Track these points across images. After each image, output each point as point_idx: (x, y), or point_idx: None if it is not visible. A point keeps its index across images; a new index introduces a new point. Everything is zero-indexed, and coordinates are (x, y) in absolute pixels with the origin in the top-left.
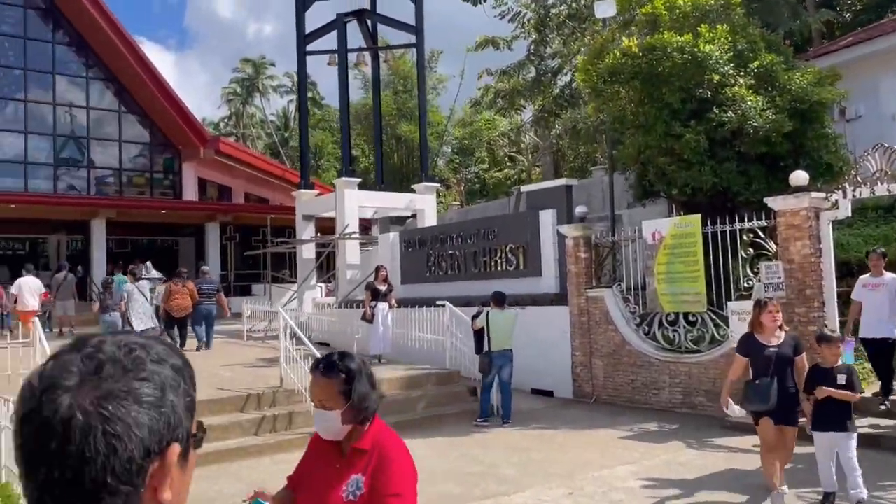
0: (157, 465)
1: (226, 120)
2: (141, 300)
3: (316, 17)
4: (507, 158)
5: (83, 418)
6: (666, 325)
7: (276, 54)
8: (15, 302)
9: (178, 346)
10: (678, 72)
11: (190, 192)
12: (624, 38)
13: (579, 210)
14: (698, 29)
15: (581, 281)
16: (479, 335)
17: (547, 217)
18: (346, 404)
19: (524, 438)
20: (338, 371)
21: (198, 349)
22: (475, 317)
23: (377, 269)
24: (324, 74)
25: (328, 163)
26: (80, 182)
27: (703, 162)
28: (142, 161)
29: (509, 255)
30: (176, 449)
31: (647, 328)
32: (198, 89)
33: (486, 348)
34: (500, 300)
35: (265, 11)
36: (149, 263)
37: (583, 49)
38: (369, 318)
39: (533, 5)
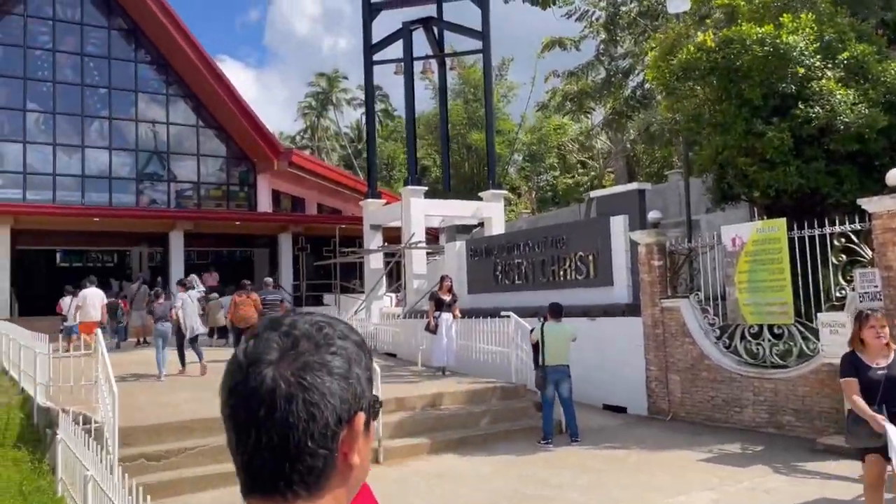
0: (347, 432)
1: (301, 133)
2: (192, 307)
3: (383, 27)
4: (578, 164)
5: (286, 388)
6: (749, 337)
7: (349, 68)
8: (77, 313)
9: None
10: (759, 65)
11: (264, 204)
12: (699, 34)
13: (652, 215)
14: (780, 19)
15: (655, 290)
16: (537, 348)
17: (618, 223)
18: None
19: (593, 458)
20: None
21: None
22: (534, 330)
23: (441, 279)
24: (397, 86)
25: (400, 173)
26: (161, 195)
27: (787, 162)
28: (218, 174)
29: (579, 264)
30: (362, 417)
31: (727, 341)
32: (277, 104)
33: (542, 362)
34: (556, 312)
35: (339, 26)
36: (194, 276)
37: (654, 46)
38: (433, 329)
39: (602, 3)
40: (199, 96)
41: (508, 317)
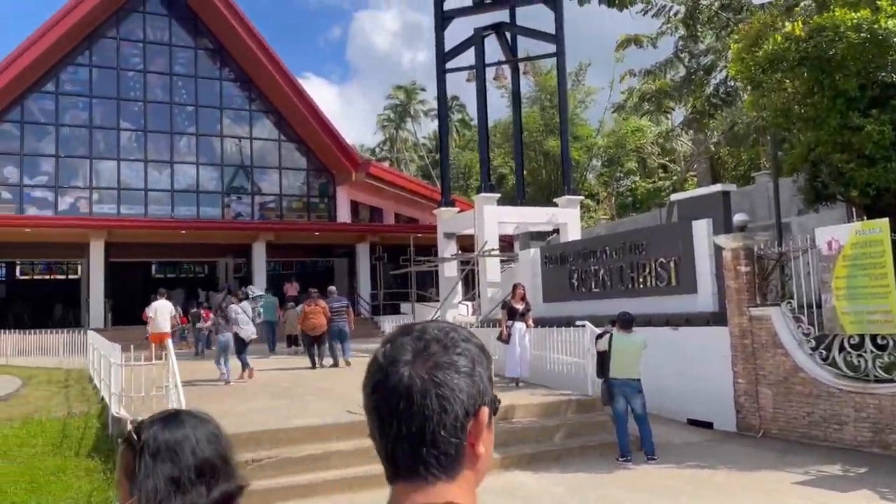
0: (473, 424)
1: (381, 145)
2: (244, 317)
3: (457, 36)
4: (659, 168)
5: (421, 384)
6: (848, 348)
7: (427, 80)
8: (148, 324)
9: (316, 363)
10: (854, 54)
11: (343, 215)
12: (786, 24)
13: (738, 218)
14: (878, 3)
15: (742, 298)
16: (601, 358)
17: (701, 227)
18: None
19: (675, 478)
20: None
21: (334, 366)
22: (599, 337)
23: (514, 287)
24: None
25: (476, 182)
26: (245, 208)
27: (889, 157)
28: (299, 187)
29: (659, 270)
30: (485, 411)
31: (824, 352)
32: (358, 118)
33: (607, 375)
34: (626, 323)
35: (418, 40)
36: (252, 287)
37: (738, 39)
38: (505, 339)
39: None
40: (281, 111)
41: (584, 326)
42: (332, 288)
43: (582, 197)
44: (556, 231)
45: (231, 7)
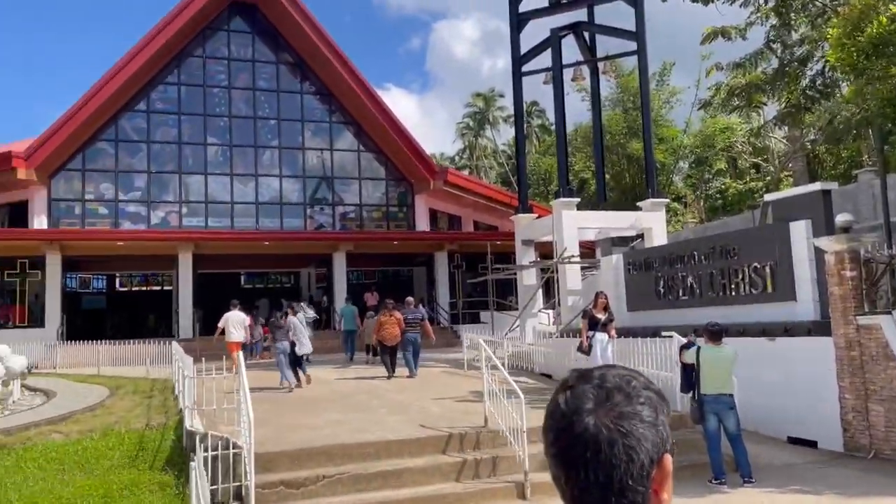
0: (657, 472)
1: (460, 153)
2: (302, 329)
3: (532, 38)
4: (751, 168)
5: (607, 434)
6: None
7: (507, 87)
8: (222, 334)
9: (391, 372)
10: None
11: (422, 223)
12: (891, 5)
13: (842, 219)
14: None
15: (848, 306)
16: (686, 370)
17: (799, 229)
18: None
19: None
20: None
21: (409, 377)
22: (684, 347)
23: (596, 296)
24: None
25: (557, 187)
26: (326, 218)
27: None
28: (379, 196)
29: (753, 276)
30: (669, 458)
31: None
32: (439, 127)
33: (696, 391)
34: (715, 334)
35: (498, 47)
36: (304, 303)
37: (837, 24)
38: (586, 350)
39: None
40: (360, 122)
41: (671, 337)
42: (409, 299)
43: (667, 200)
44: (641, 236)
45: (310, 21)
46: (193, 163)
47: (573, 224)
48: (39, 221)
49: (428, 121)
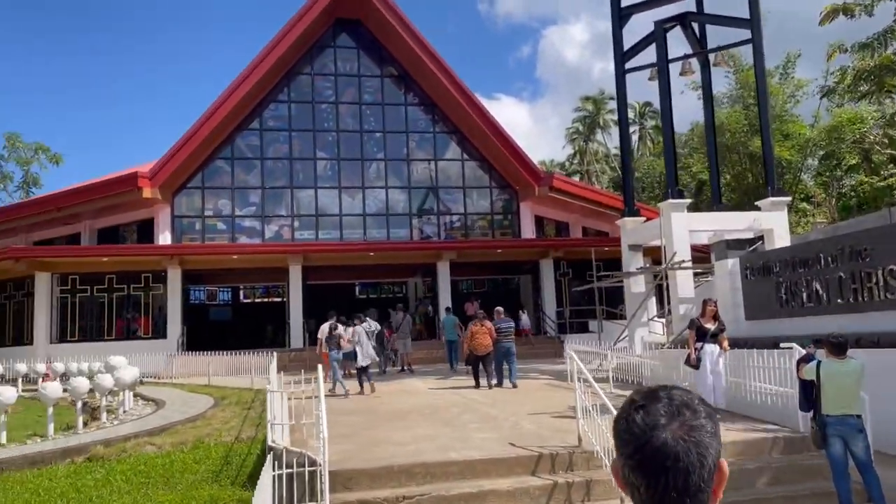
0: (717, 475)
1: (570, 159)
2: (365, 340)
3: (637, 34)
4: (888, 162)
5: (684, 444)
6: None
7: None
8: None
9: (480, 383)
10: None
11: (528, 231)
12: None
13: None
14: None
15: None
16: (806, 387)
17: None
18: None
19: None
20: None
21: (497, 386)
22: (802, 360)
23: (704, 304)
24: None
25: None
26: (431, 228)
27: None
28: (483, 204)
29: (889, 280)
30: (725, 463)
31: None
32: (550, 133)
33: (817, 411)
34: (838, 347)
35: (608, 48)
36: (365, 315)
37: None
38: (694, 364)
39: None
40: (463, 132)
41: (790, 348)
42: (500, 308)
43: (789, 198)
44: (761, 239)
45: (412, 33)
46: (304, 177)
47: (683, 226)
48: (164, 237)
49: (540, 127)
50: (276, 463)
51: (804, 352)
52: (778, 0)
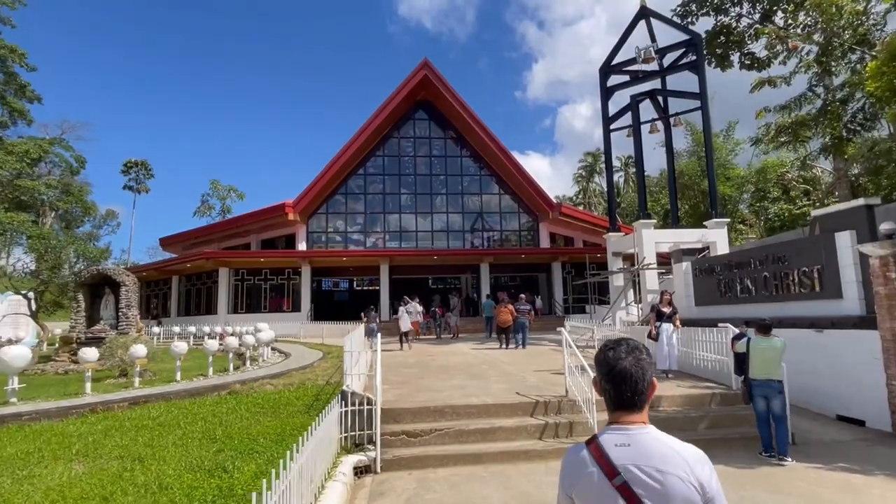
0: (651, 386)
1: (576, 194)
2: (405, 316)
3: (619, 103)
4: (802, 195)
5: (635, 368)
6: None
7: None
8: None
9: (501, 345)
10: None
11: (544, 243)
12: None
13: (886, 227)
14: None
15: (893, 304)
16: (739, 357)
17: (844, 238)
18: None
19: (824, 482)
20: None
21: (514, 348)
22: (736, 338)
23: (661, 294)
24: (647, 154)
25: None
26: (478, 241)
27: None
28: (513, 224)
29: (802, 279)
30: (656, 380)
31: None
32: (563, 177)
33: (746, 374)
34: (764, 328)
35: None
36: (409, 299)
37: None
38: (654, 337)
39: (813, 38)
40: (500, 175)
41: (726, 327)
42: (522, 295)
43: (728, 220)
44: (707, 249)
45: (467, 110)
46: (392, 206)
47: (651, 239)
48: (301, 246)
49: (556, 173)
50: (345, 402)
51: (737, 331)
52: (722, 75)
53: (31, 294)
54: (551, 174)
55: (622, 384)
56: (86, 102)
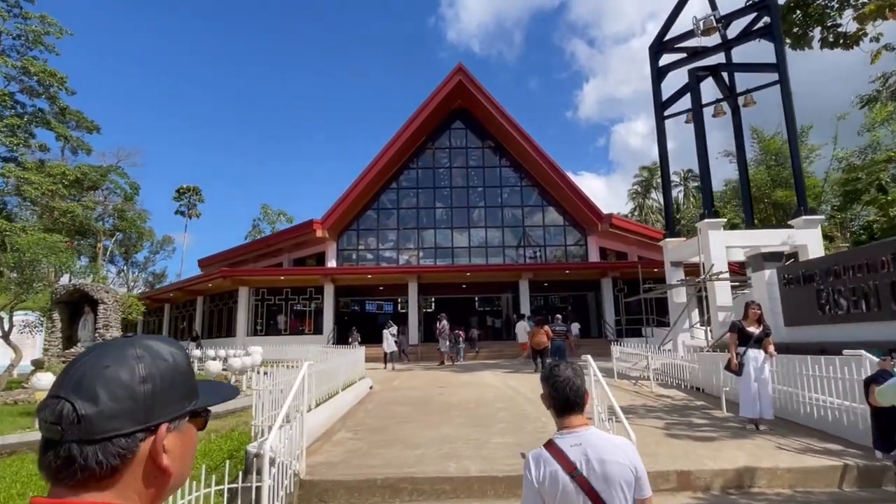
0: (586, 394)
1: (632, 212)
2: (388, 337)
3: (671, 86)
4: None
5: (575, 380)
6: None
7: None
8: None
9: (537, 370)
10: None
11: (594, 258)
12: None
13: None
14: None
15: None
16: (879, 416)
17: None
18: None
19: None
20: None
21: None
22: (873, 381)
23: (746, 306)
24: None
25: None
26: (520, 259)
27: None
28: (559, 239)
29: None
30: (589, 391)
31: None
32: (619, 198)
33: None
34: None
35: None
36: (393, 326)
37: None
38: (735, 369)
39: None
40: (543, 185)
41: (859, 355)
42: (559, 316)
43: (822, 217)
44: (794, 255)
45: (506, 117)
46: (426, 221)
47: (720, 243)
48: (331, 265)
49: (612, 193)
50: (247, 471)
51: (874, 362)
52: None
53: (2, 314)
54: (607, 194)
55: (566, 389)
56: (138, 131)
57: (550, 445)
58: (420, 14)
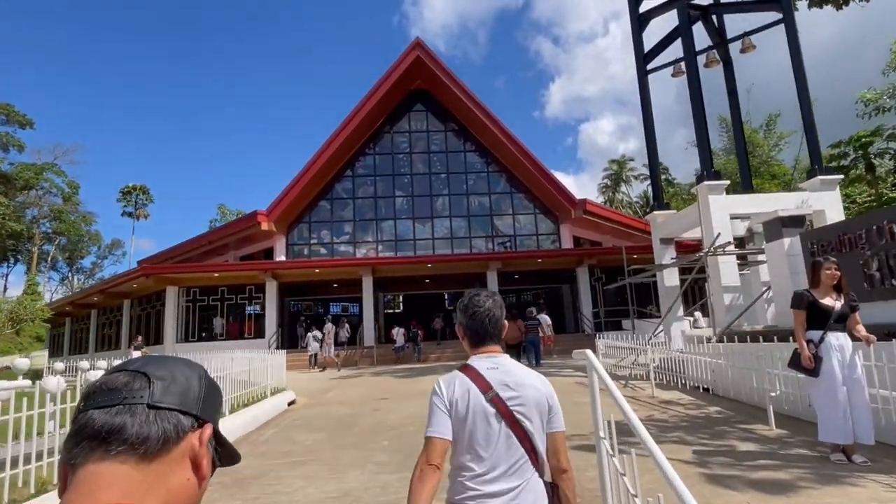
0: (501, 324)
1: (602, 205)
2: (310, 339)
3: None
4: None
5: (494, 311)
6: None
7: (636, 155)
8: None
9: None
10: None
11: (567, 247)
12: None
13: None
14: None
15: None
16: None
17: None
18: None
19: None
20: None
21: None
22: None
23: (815, 267)
24: (675, 166)
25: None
26: (488, 249)
27: None
28: (529, 227)
29: None
30: (507, 322)
31: None
32: (589, 195)
33: None
34: None
35: (628, 133)
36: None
37: None
38: (809, 366)
39: None
40: (511, 170)
41: None
42: (531, 310)
43: (841, 176)
44: (809, 222)
45: (469, 97)
46: (385, 211)
47: (723, 209)
48: (280, 260)
49: (582, 190)
50: None
51: None
52: (758, 74)
53: None
54: (577, 192)
55: (485, 320)
56: (81, 125)
57: (465, 367)
58: (384, 12)
